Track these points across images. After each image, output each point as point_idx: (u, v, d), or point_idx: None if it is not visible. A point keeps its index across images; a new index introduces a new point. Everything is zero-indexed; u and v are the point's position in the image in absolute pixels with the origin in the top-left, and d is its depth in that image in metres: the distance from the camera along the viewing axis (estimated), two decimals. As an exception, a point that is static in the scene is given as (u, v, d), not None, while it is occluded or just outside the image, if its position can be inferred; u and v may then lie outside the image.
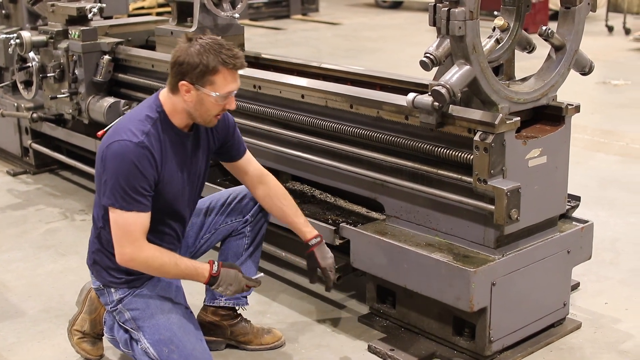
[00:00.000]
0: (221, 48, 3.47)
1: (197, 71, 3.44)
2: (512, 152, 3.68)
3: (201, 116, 3.57)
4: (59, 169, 7.10)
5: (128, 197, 3.43)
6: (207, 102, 3.51)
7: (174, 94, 3.55)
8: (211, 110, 3.55)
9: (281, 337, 4.20)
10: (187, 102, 3.52)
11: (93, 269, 3.78)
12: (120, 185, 3.42)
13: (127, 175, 3.43)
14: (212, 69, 3.45)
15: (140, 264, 3.52)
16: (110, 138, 3.52)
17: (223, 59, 3.45)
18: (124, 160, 3.43)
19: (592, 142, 7.81)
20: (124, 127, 3.53)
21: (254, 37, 14.43)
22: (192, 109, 3.54)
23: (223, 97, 3.52)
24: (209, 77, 3.46)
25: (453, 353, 3.99)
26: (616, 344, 4.14)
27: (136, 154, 3.44)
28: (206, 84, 3.47)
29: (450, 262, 3.76)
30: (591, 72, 4.08)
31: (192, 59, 3.43)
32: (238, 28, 5.96)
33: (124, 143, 3.45)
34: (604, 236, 5.37)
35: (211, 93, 3.48)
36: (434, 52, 3.63)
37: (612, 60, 11.96)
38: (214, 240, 4.10)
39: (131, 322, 3.66)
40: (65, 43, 6.20)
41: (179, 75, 3.48)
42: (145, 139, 3.47)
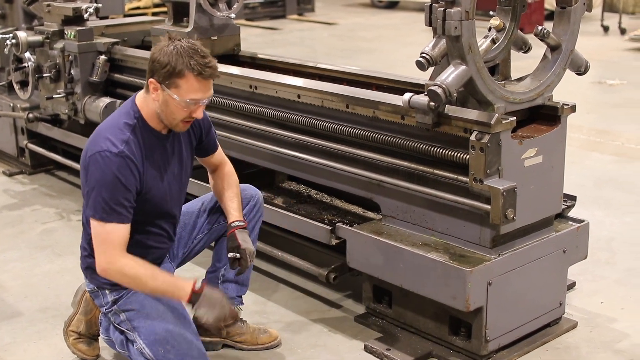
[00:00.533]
0: (194, 54, 3.44)
1: (164, 71, 3.42)
2: (508, 151, 3.68)
3: (167, 118, 3.55)
4: (55, 169, 7.10)
5: (108, 209, 3.42)
6: (171, 104, 3.48)
7: (147, 93, 3.56)
8: (175, 113, 3.51)
9: (277, 336, 4.20)
10: (154, 100, 3.52)
11: (86, 272, 3.77)
12: (102, 196, 3.42)
13: (109, 187, 3.42)
14: (179, 72, 3.41)
15: (115, 272, 3.48)
16: (91, 148, 3.49)
17: (191, 64, 3.41)
18: (105, 171, 3.42)
19: (587, 142, 7.82)
20: (102, 136, 3.50)
21: (250, 37, 14.43)
22: (159, 109, 3.53)
23: (187, 103, 3.47)
24: (174, 79, 3.43)
25: (449, 353, 3.99)
26: (612, 343, 4.15)
27: (117, 164, 3.42)
28: (171, 85, 3.44)
29: (446, 262, 3.76)
30: (587, 72, 4.09)
31: (163, 57, 3.43)
32: (234, 28, 5.95)
33: (104, 154, 3.43)
34: (599, 236, 5.38)
35: (174, 96, 3.45)
36: (430, 52, 3.63)
37: (607, 60, 11.98)
38: (207, 240, 4.10)
39: (126, 322, 3.65)
40: (61, 43, 6.20)
41: (150, 73, 3.49)
42: (125, 148, 3.45)
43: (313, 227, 4.40)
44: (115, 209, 3.43)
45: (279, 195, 5.19)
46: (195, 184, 4.64)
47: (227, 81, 5.04)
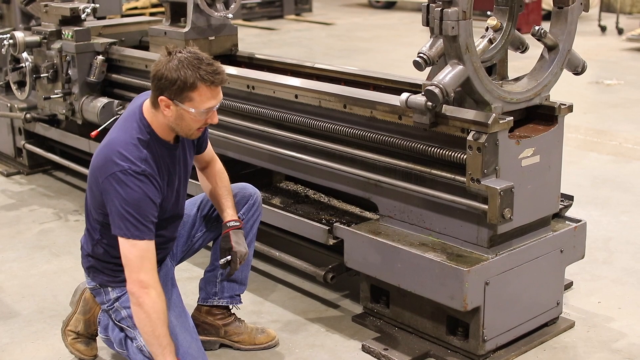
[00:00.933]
0: (200, 63, 3.39)
1: (175, 87, 3.37)
2: (505, 151, 3.68)
3: (182, 130, 3.54)
4: (52, 169, 7.10)
5: (140, 226, 3.40)
6: (187, 117, 3.46)
7: (156, 108, 3.51)
8: (192, 125, 3.51)
9: (275, 336, 4.20)
10: (167, 117, 3.47)
11: (89, 271, 3.77)
12: (131, 214, 3.39)
13: (136, 206, 3.39)
14: (191, 85, 3.37)
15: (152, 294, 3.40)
16: (109, 167, 3.43)
17: (202, 75, 3.38)
18: (132, 190, 3.39)
19: (585, 142, 7.82)
20: (119, 153, 3.44)
21: (248, 38, 14.43)
22: (173, 124, 3.50)
23: (203, 113, 3.46)
24: (187, 93, 3.39)
25: (447, 352, 3.99)
26: (609, 342, 4.16)
27: (142, 182, 3.41)
28: (185, 100, 3.41)
29: (443, 262, 3.76)
30: (584, 72, 4.09)
31: (170, 74, 3.36)
32: (231, 28, 5.96)
33: (128, 173, 3.40)
34: (597, 235, 5.38)
35: (190, 109, 3.42)
36: (427, 52, 3.63)
37: (604, 60, 11.99)
38: (206, 238, 4.11)
39: (127, 320, 3.66)
40: (59, 43, 6.19)
41: (158, 91, 3.43)
42: (146, 167, 3.44)
43: (311, 227, 4.40)
44: (147, 225, 3.42)
45: (276, 195, 5.19)
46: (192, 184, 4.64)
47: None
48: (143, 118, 3.55)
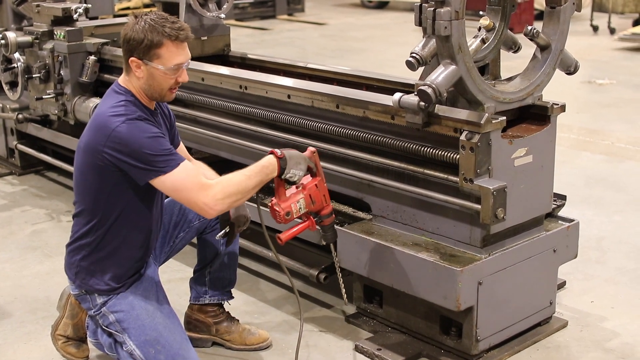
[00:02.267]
0: (165, 22, 3.50)
1: (142, 46, 3.47)
2: (498, 151, 3.69)
3: (156, 91, 3.58)
4: (44, 170, 7.08)
5: (166, 158, 3.42)
6: (157, 76, 3.52)
7: (128, 74, 3.58)
8: (163, 83, 3.55)
9: (267, 338, 4.19)
10: (139, 78, 3.54)
11: (76, 277, 3.70)
12: (153, 154, 3.40)
13: (151, 144, 3.41)
14: (157, 43, 3.47)
15: (224, 201, 3.46)
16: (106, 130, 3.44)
17: (167, 32, 3.47)
18: (140, 135, 3.41)
19: (577, 142, 7.83)
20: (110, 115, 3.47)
21: (240, 38, 14.42)
22: (146, 85, 3.55)
23: (173, 70, 3.52)
24: (155, 50, 3.48)
25: (440, 352, 3.99)
26: (602, 342, 4.16)
27: (144, 125, 3.44)
28: (153, 57, 3.49)
29: (436, 262, 3.76)
30: (576, 72, 4.10)
31: (137, 34, 3.47)
32: (224, 28, 5.96)
33: (127, 123, 3.42)
34: (589, 235, 5.39)
35: (159, 66, 3.50)
36: (419, 52, 3.63)
37: (597, 60, 12.01)
38: (188, 237, 4.09)
39: (115, 324, 3.62)
40: (51, 44, 6.18)
41: (128, 53, 3.53)
42: (139, 116, 3.48)
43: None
44: (172, 154, 3.45)
45: (269, 195, 5.17)
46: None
47: (217, 81, 5.04)
48: (120, 86, 3.61)
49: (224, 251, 4.09)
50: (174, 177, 3.42)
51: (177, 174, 3.42)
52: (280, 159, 3.61)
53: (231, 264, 4.13)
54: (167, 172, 3.42)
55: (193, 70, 5.27)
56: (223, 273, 4.10)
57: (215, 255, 4.09)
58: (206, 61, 5.65)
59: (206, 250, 4.10)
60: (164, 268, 4.03)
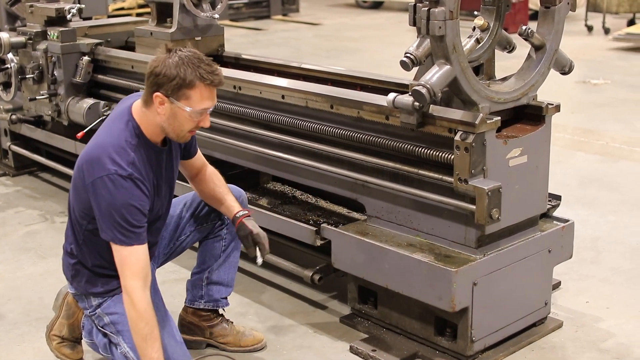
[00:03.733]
0: (200, 62, 3.37)
1: (173, 83, 3.34)
2: (493, 151, 3.68)
3: (174, 131, 3.48)
4: (38, 170, 7.07)
5: (128, 232, 3.37)
6: (180, 116, 3.42)
7: (147, 107, 3.46)
8: (184, 125, 3.46)
9: (262, 339, 4.18)
10: (160, 115, 3.43)
11: (73, 279, 3.73)
12: (118, 221, 3.35)
13: (123, 211, 3.35)
14: (189, 83, 3.34)
15: (142, 299, 3.38)
16: (96, 170, 3.38)
17: (201, 74, 3.35)
18: (118, 195, 3.34)
19: (572, 142, 7.84)
20: (107, 155, 3.39)
21: (234, 38, 14.40)
22: (165, 123, 3.45)
23: (197, 113, 3.42)
24: (185, 90, 3.36)
25: (435, 353, 3.98)
26: (597, 342, 4.16)
27: (129, 187, 3.36)
28: (181, 97, 3.37)
29: (431, 262, 3.76)
30: (571, 72, 4.09)
31: (169, 70, 3.34)
32: (218, 29, 5.94)
33: (114, 178, 3.34)
34: (584, 235, 5.39)
35: (185, 108, 3.38)
36: (414, 52, 3.62)
37: (591, 60, 12.02)
38: (190, 241, 4.08)
39: (110, 326, 3.63)
40: (44, 44, 6.17)
41: (154, 87, 3.38)
42: (133, 170, 3.38)
43: (298, 228, 4.39)
44: (135, 231, 3.38)
45: (263, 196, 5.17)
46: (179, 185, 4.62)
47: (211, 82, 5.02)
48: (132, 119, 3.50)
49: (225, 257, 4.08)
50: (122, 252, 3.39)
51: (126, 251, 3.38)
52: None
53: (230, 271, 4.11)
54: (118, 244, 3.39)
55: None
56: (221, 279, 4.08)
57: (216, 260, 4.08)
58: (200, 61, 5.64)
59: (206, 255, 4.08)
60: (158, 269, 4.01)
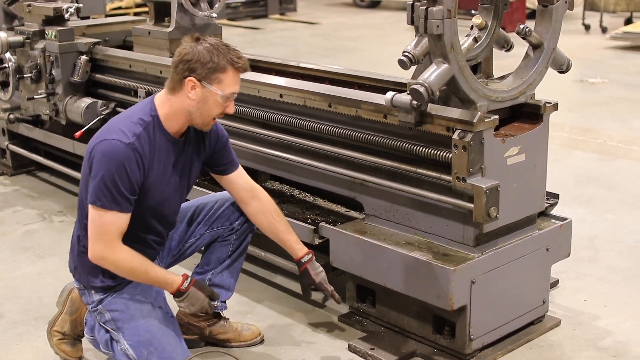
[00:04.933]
0: (229, 48, 3.53)
1: (207, 67, 3.46)
2: (491, 150, 3.68)
3: (201, 116, 3.57)
4: (36, 170, 7.06)
5: (110, 197, 3.43)
6: (210, 100, 3.52)
7: (174, 93, 3.55)
8: (213, 110, 3.56)
9: (260, 333, 4.21)
10: (191, 99, 3.52)
11: (75, 271, 3.76)
12: (105, 184, 3.42)
13: (113, 175, 3.42)
14: (222, 67, 3.48)
15: (110, 263, 3.53)
16: (101, 136, 3.52)
17: (232, 59, 3.50)
18: (112, 159, 3.43)
19: (569, 140, 7.84)
20: (114, 126, 3.53)
21: (232, 37, 14.39)
22: (194, 108, 3.54)
23: (226, 98, 3.53)
24: (217, 74, 3.48)
25: (433, 351, 3.99)
26: (595, 340, 4.16)
27: (125, 154, 3.43)
28: (214, 81, 3.49)
29: (429, 261, 3.76)
30: (569, 70, 4.09)
31: (202, 56, 3.46)
32: (216, 28, 5.94)
33: (114, 142, 3.44)
34: (582, 233, 5.39)
35: (217, 91, 3.50)
36: (412, 51, 3.62)
37: (589, 59, 12.03)
38: (198, 245, 4.10)
39: (111, 322, 3.66)
40: (42, 43, 6.16)
41: (186, 72, 3.49)
42: (135, 141, 3.47)
43: (296, 227, 4.38)
44: (117, 198, 3.44)
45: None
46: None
47: (209, 81, 5.02)
48: (152, 103, 3.62)
49: (230, 262, 4.11)
50: (99, 215, 3.47)
51: (99, 213, 3.46)
52: (180, 291, 3.66)
53: (233, 276, 4.14)
54: (99, 206, 3.46)
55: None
56: (223, 283, 4.09)
57: (220, 263, 4.10)
58: (198, 61, 5.64)
59: (212, 257, 4.10)
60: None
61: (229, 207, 4.06)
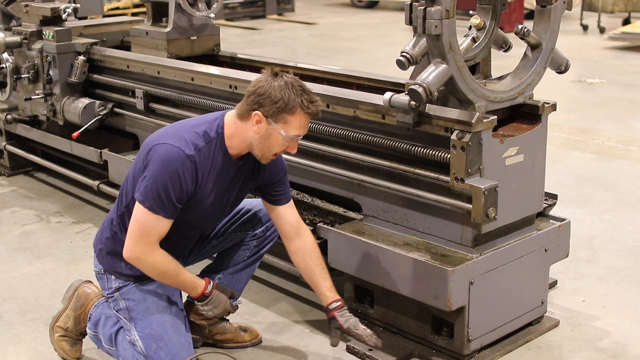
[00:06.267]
0: (303, 91, 3.50)
1: (276, 106, 3.45)
2: (489, 150, 3.68)
3: (261, 150, 3.58)
4: (33, 170, 7.05)
5: (159, 201, 3.47)
6: (273, 138, 3.53)
7: (242, 120, 3.56)
8: (274, 147, 3.57)
9: (258, 334, 4.21)
10: (254, 132, 3.53)
11: (100, 252, 3.81)
12: (157, 187, 3.46)
13: (167, 181, 3.46)
14: (291, 109, 3.46)
15: (145, 265, 3.57)
16: (163, 138, 3.55)
17: (302, 102, 3.47)
18: (169, 166, 3.46)
19: (568, 141, 7.84)
20: (179, 133, 3.56)
21: (230, 37, 14.40)
22: (257, 141, 3.55)
23: (289, 139, 3.53)
24: (285, 115, 3.47)
25: (431, 352, 3.98)
26: (594, 341, 4.15)
27: (183, 164, 3.47)
28: (279, 121, 3.49)
29: (428, 262, 3.75)
30: (567, 71, 4.09)
31: (274, 92, 3.45)
32: (214, 28, 5.94)
33: (175, 149, 3.48)
34: (580, 234, 5.39)
35: (281, 131, 3.49)
36: (410, 51, 3.62)
37: (586, 59, 12.03)
38: (221, 247, 4.13)
39: (125, 312, 3.71)
40: (40, 44, 6.16)
41: (255, 105, 3.49)
42: (196, 154, 3.51)
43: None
44: (165, 204, 3.48)
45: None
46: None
47: (207, 81, 5.02)
48: (222, 120, 3.63)
49: (243, 267, 4.12)
50: (141, 213, 3.51)
51: (145, 214, 3.50)
52: (204, 295, 3.72)
53: (242, 281, 4.15)
54: (146, 207, 3.50)
55: (182, 69, 5.27)
56: (231, 285, 4.08)
57: (233, 266, 4.11)
58: (196, 61, 5.64)
59: (226, 257, 4.12)
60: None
61: (256, 214, 4.09)
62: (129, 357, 3.71)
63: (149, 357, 3.63)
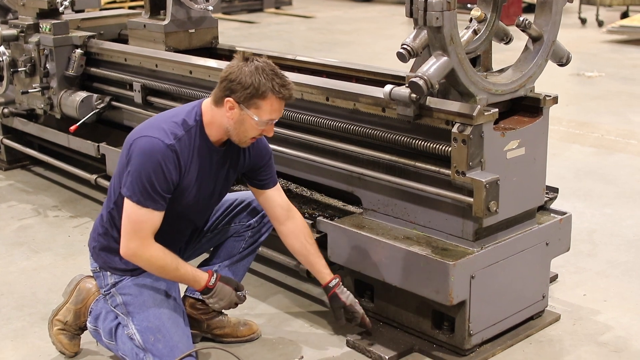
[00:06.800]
0: (274, 75, 3.49)
1: (246, 92, 3.45)
2: (491, 143, 3.65)
3: (237, 135, 3.59)
4: (31, 164, 7.03)
5: (146, 194, 3.47)
6: (247, 123, 3.53)
7: (217, 106, 3.57)
8: (249, 132, 3.57)
9: (257, 329, 4.19)
10: (228, 118, 3.53)
11: (93, 250, 3.81)
12: (142, 180, 3.46)
13: (150, 173, 3.46)
14: (262, 94, 3.46)
15: (143, 260, 3.57)
16: (143, 131, 3.56)
17: (274, 86, 3.47)
18: (151, 157, 3.47)
19: (567, 134, 7.83)
20: (158, 124, 3.57)
21: (227, 31, 14.36)
22: (231, 127, 3.56)
23: (263, 123, 3.53)
24: (256, 100, 3.47)
25: (432, 347, 3.96)
26: (595, 335, 4.14)
27: (164, 154, 3.48)
28: (251, 106, 3.49)
29: (428, 255, 3.73)
30: (568, 63, 4.07)
31: (244, 78, 3.45)
32: (212, 21, 5.92)
33: (155, 141, 3.48)
34: (581, 228, 5.37)
35: (254, 116, 3.50)
36: (411, 44, 3.59)
37: (585, 52, 12.01)
38: (217, 240, 4.12)
39: (122, 307, 3.71)
40: (37, 37, 6.13)
41: (227, 91, 3.49)
42: (176, 143, 3.51)
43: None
44: (153, 195, 3.49)
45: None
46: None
47: (205, 74, 5.00)
48: (199, 108, 3.64)
49: (239, 258, 4.12)
50: (130, 208, 3.52)
51: (135, 208, 3.50)
52: (208, 287, 3.70)
53: (239, 272, 4.13)
54: (134, 202, 3.50)
55: (180, 62, 5.24)
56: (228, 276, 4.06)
57: (229, 258, 4.11)
58: (194, 54, 5.61)
59: (223, 250, 4.12)
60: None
61: (250, 204, 4.10)
62: (128, 351, 3.70)
63: (147, 350, 3.62)
